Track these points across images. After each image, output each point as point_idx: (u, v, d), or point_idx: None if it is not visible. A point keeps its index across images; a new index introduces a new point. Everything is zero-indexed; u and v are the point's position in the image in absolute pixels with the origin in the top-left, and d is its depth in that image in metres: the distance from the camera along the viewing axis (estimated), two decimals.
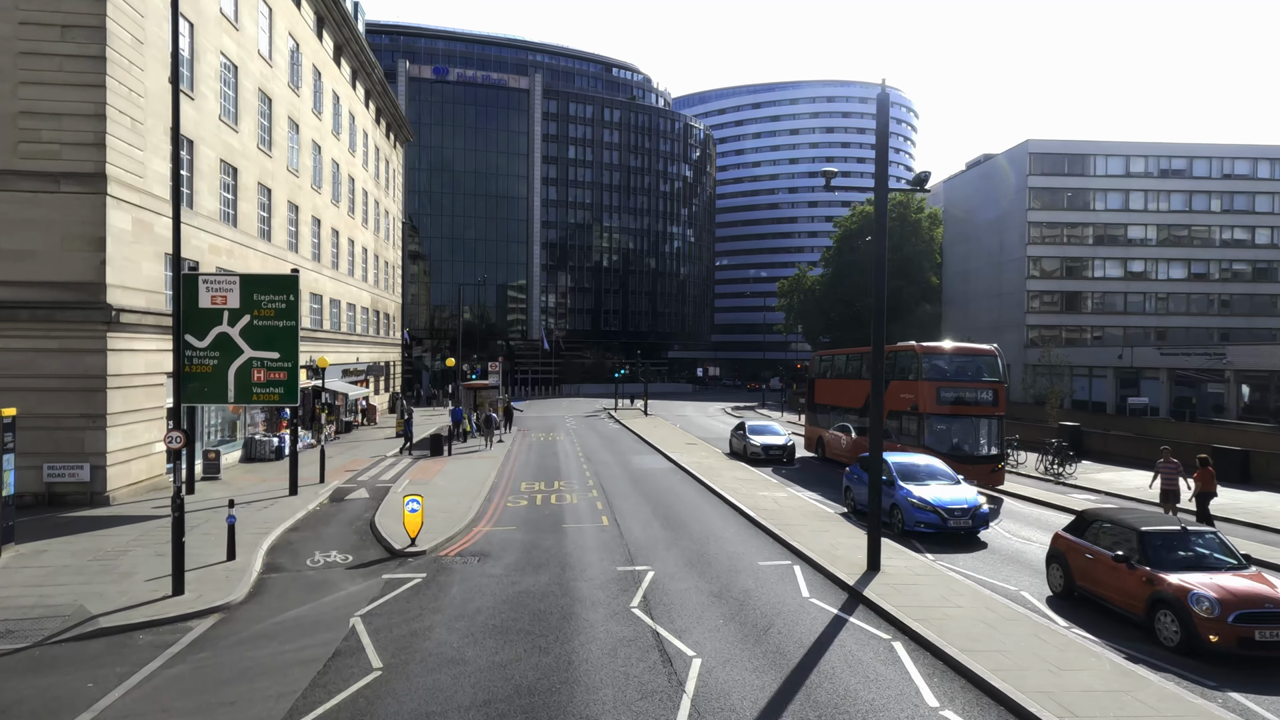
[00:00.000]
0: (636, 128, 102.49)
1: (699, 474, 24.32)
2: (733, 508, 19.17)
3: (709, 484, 22.36)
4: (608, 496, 20.79)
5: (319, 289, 36.13)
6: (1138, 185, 62.43)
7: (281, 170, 30.81)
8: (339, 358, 39.73)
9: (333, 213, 38.51)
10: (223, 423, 25.85)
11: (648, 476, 24.65)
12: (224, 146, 25.23)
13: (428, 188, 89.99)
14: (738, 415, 59.37)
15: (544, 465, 27.47)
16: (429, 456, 29.24)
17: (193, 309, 19.80)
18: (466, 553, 14.55)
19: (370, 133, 47.36)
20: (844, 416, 28.24)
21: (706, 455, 30.02)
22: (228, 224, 25.78)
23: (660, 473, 25.66)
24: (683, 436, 38.25)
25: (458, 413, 35.11)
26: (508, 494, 21.26)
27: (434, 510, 17.99)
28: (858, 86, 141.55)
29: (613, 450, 32.73)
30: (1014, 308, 62.97)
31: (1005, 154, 65.24)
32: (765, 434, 30.12)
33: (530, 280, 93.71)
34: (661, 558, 14.31)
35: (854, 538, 15.44)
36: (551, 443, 35.64)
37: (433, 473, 24.77)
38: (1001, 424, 23.00)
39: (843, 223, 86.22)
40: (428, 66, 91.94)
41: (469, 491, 21.01)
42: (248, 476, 23.36)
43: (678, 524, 17.26)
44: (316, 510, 18.77)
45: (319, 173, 36.24)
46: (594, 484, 23.09)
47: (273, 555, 14.41)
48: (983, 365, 23.40)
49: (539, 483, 23.25)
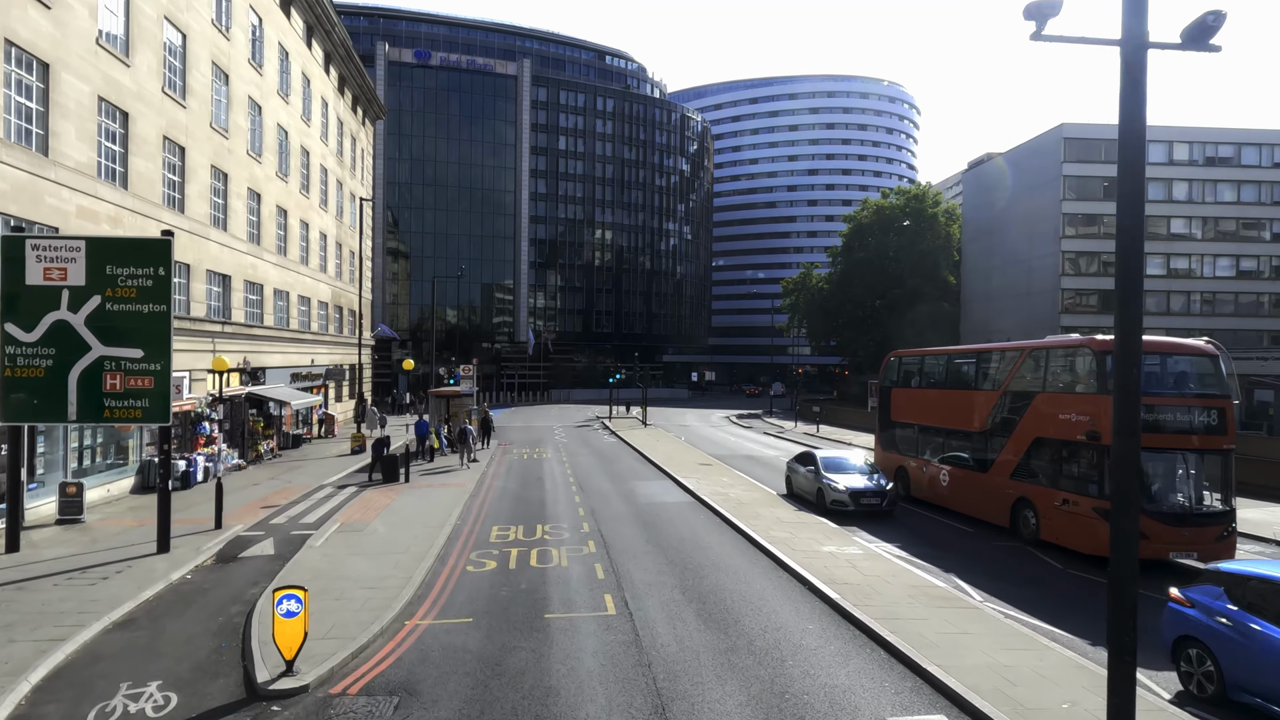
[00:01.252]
0: (631, 118, 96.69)
1: (735, 518, 18.24)
2: (808, 588, 12.79)
3: (755, 537, 16.10)
4: (611, 554, 14.82)
5: (257, 276, 30.05)
6: (1181, 174, 57.15)
7: (201, 126, 24.77)
8: (287, 359, 33.62)
9: (279, 188, 32.45)
10: (103, 442, 19.75)
11: (662, 518, 18.70)
12: (105, 80, 19.20)
13: (408, 180, 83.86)
14: (744, 425, 53.53)
15: (525, 497, 21.49)
16: (381, 484, 23.21)
17: (15, 285, 13.83)
18: (378, 688, 8.55)
19: (331, 103, 41.31)
20: (943, 441, 20.33)
21: (730, 482, 24.06)
22: (112, 183, 19.72)
23: (676, 511, 19.72)
24: (692, 454, 32.32)
25: (423, 425, 29.06)
26: (470, 547, 15.27)
27: (350, 587, 12.01)
28: (859, 81, 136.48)
29: (611, 473, 26.78)
30: (1046, 308, 57.45)
31: (1036, 140, 59.80)
32: (847, 471, 20.18)
33: (518, 279, 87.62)
34: (712, 696, 8.43)
35: (1038, 656, 9.61)
36: (537, 462, 29.66)
37: (376, 509, 18.75)
38: (1230, 462, 14.69)
39: (853, 218, 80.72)
40: (409, 50, 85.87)
41: (416, 545, 15.03)
42: (127, 518, 17.29)
43: (724, 616, 11.21)
44: (181, 584, 12.73)
45: (258, 138, 30.18)
46: (590, 529, 17.14)
47: (48, 693, 8.42)
48: (1198, 370, 15.27)
49: (516, 527, 17.27)
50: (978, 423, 18.73)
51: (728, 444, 39.04)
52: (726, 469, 27.23)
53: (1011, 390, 17.62)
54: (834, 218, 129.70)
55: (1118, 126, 6.30)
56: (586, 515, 18.75)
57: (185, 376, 23.45)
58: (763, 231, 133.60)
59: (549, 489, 22.98)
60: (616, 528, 17.28)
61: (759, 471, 27.71)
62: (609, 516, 18.64)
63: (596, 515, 18.79)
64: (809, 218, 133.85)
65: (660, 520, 18.20)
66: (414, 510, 18.72)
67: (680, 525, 17.60)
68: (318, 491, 21.86)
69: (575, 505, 20.15)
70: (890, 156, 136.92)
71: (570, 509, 19.61)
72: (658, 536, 16.40)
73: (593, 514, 18.96)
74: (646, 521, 18.03)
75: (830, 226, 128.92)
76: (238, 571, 13.47)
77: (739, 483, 23.75)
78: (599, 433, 44.11)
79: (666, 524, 17.76)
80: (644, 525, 17.59)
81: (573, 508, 19.79)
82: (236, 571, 13.48)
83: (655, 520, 18.19)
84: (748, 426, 52.04)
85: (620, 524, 17.73)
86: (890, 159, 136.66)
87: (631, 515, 18.87)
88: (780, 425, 52.23)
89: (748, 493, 21.73)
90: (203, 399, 24.50)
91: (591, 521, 17.97)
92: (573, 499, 21.19)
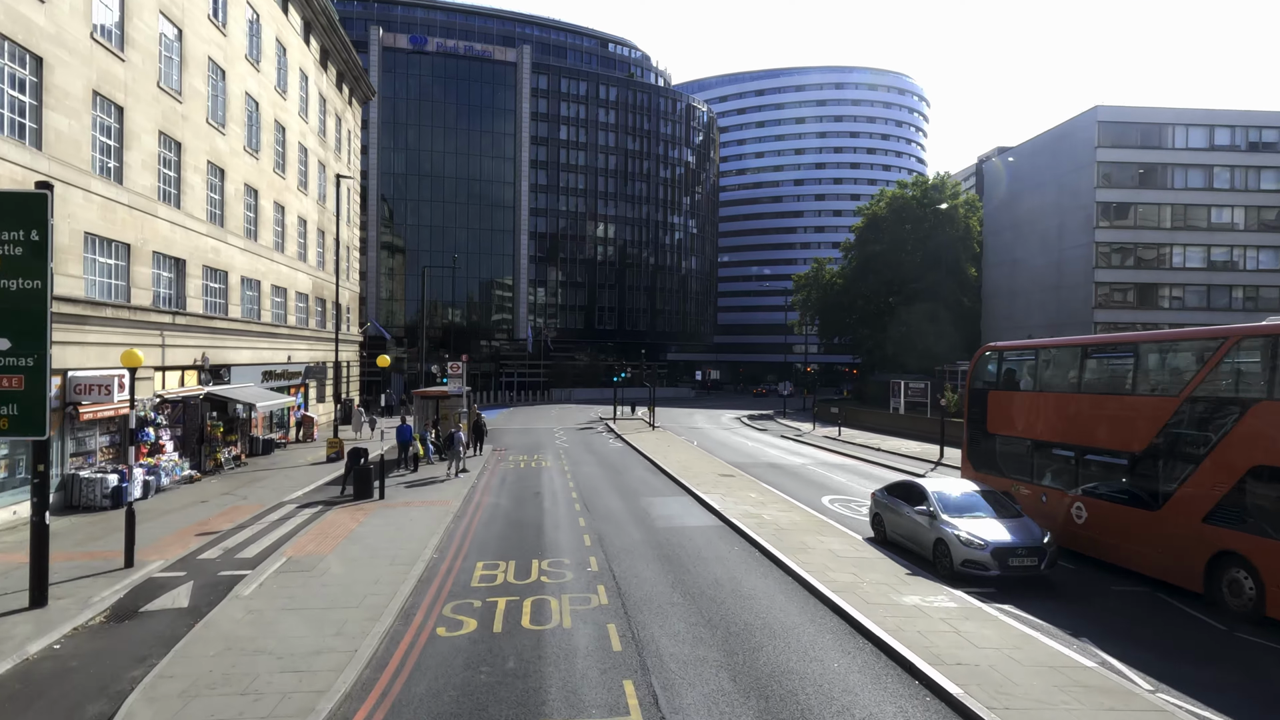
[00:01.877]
0: (635, 107, 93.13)
1: (780, 552, 14.79)
2: (903, 666, 9.22)
3: (816, 585, 12.59)
4: (627, 607, 11.37)
5: (220, 262, 26.62)
6: (1223, 160, 53.59)
7: (145, 85, 21.32)
8: (257, 356, 30.22)
9: (247, 165, 29.01)
10: (8, 454, 16.33)
11: (687, 550, 15.24)
12: (7, 14, 15.78)
13: (403, 171, 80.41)
14: (757, 427, 50.10)
15: (520, 518, 18.05)
16: (351, 500, 19.79)
17: None
18: None
19: (313, 77, 37.85)
20: (1076, 463, 15.01)
21: (760, 499, 20.61)
22: (17, 139, 16.30)
23: (703, 538, 16.27)
24: (709, 462, 28.88)
25: (405, 431, 25.60)
26: (445, 596, 11.85)
27: (267, 671, 8.56)
28: (867, 73, 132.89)
29: (620, 487, 23.34)
30: (1079, 302, 53.93)
31: (1066, 124, 56.24)
32: (979, 514, 13.69)
33: (517, 274, 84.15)
34: None
35: None
36: (534, 472, 26.24)
37: (337, 537, 15.33)
38: None
39: (868, 209, 77.22)
40: (403, 35, 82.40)
41: (375, 593, 11.61)
42: (20, 551, 13.83)
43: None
44: (40, 660, 9.31)
45: (221, 106, 26.74)
46: (599, 566, 13.70)
47: None
48: None
49: (506, 563, 13.84)
50: (1138, 441, 13.51)
51: (745, 449, 35.59)
52: (752, 481, 23.78)
53: (1200, 396, 12.59)
54: (842, 213, 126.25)
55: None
56: (593, 545, 15.31)
57: (123, 375, 20.07)
58: (768, 227, 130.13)
59: (548, 507, 19.56)
60: (632, 564, 13.84)
61: (789, 484, 24.28)
62: (621, 547, 15.19)
63: (605, 545, 15.35)
64: (816, 213, 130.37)
65: (685, 553, 14.74)
66: (383, 538, 15.29)
67: (711, 561, 14.13)
68: (274, 511, 18.43)
69: (579, 530, 16.71)
70: (900, 150, 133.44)
71: (573, 536, 16.17)
72: (685, 578, 12.94)
73: (601, 543, 15.52)
74: (668, 555, 14.57)
75: (838, 222, 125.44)
76: (128, 636, 10.04)
77: (771, 500, 20.29)
78: (603, 436, 40.68)
79: (693, 559, 14.30)
80: (666, 561, 14.14)
81: (576, 534, 16.36)
82: (126, 636, 10.05)
83: (678, 553, 14.74)
84: (762, 429, 48.59)
85: (636, 558, 14.29)
86: (900, 152, 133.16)
87: (648, 545, 15.42)
88: (797, 427, 48.79)
89: (785, 514, 18.26)
90: (145, 401, 21.09)
91: (600, 554, 14.53)
92: (576, 521, 17.75)
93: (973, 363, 18.90)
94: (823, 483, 25.05)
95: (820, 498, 21.75)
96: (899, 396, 51.75)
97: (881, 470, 28.65)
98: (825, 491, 23.02)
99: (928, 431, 43.30)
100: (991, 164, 69.37)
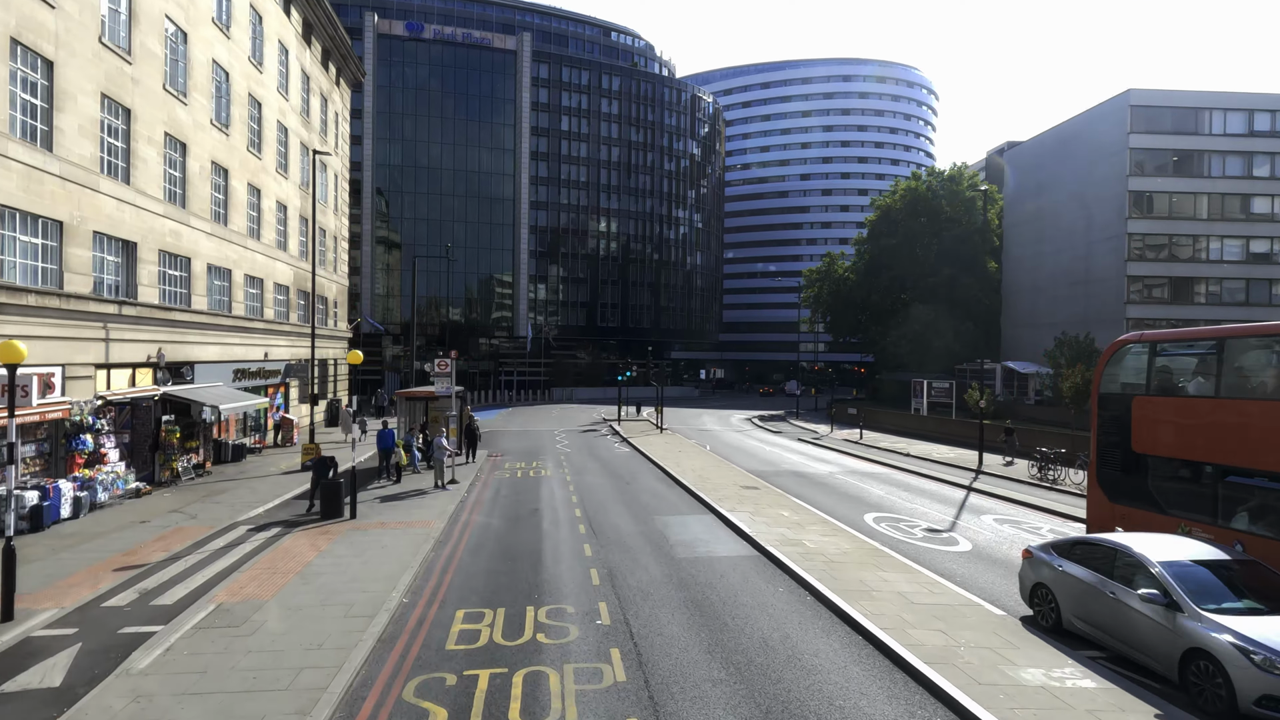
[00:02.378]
0: (638, 98, 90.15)
1: (841, 600, 11.87)
2: None
3: (906, 657, 9.38)
4: (652, 689, 8.43)
5: (181, 247, 23.73)
6: (1262, 146, 50.60)
7: (81, 40, 18.43)
8: (227, 352, 27.35)
9: (215, 140, 26.13)
10: None
11: (719, 592, 12.32)
12: None
13: (399, 162, 77.48)
14: (770, 429, 47.17)
15: (513, 546, 15.13)
16: (317, 520, 16.92)
17: None
18: None
19: (294, 51, 34.94)
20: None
21: (794, 518, 17.68)
22: None
23: (736, 574, 13.35)
24: (727, 470, 25.96)
25: (387, 436, 22.66)
26: (410, 666, 8.95)
27: None
28: (874, 65, 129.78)
29: (630, 501, 20.42)
30: (1109, 297, 50.92)
31: (1095, 110, 53.20)
32: (1245, 600, 8.59)
33: (517, 270, 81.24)
34: None
35: None
36: (533, 483, 23.34)
37: (288, 573, 12.44)
38: None
39: (881, 201, 74.37)
40: (399, 22, 79.48)
41: (317, 664, 8.71)
42: None
43: None
44: None
45: (181, 72, 23.84)
46: (611, 617, 10.78)
47: None
48: None
49: (493, 613, 10.94)
50: None
51: (763, 455, 32.67)
52: (780, 495, 20.86)
53: None
54: (849, 208, 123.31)
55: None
56: (603, 584, 12.40)
57: (51, 373, 17.21)
58: (774, 223, 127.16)
59: (548, 529, 16.65)
60: (653, 614, 10.92)
61: (822, 499, 21.36)
62: (637, 587, 12.27)
63: (618, 584, 12.44)
64: (823, 208, 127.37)
65: (717, 596, 11.83)
66: (344, 575, 12.41)
67: (753, 610, 11.20)
68: (223, 535, 15.54)
69: (585, 563, 13.80)
70: (908, 144, 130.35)
71: (578, 571, 13.26)
72: (724, 637, 10.03)
73: (612, 580, 12.62)
74: (696, 600, 11.65)
75: (844, 217, 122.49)
76: None
77: (808, 520, 17.36)
78: (607, 439, 37.79)
79: (729, 606, 11.38)
80: (694, 609, 11.22)
81: (582, 568, 13.44)
82: None
83: (709, 596, 11.82)
84: (776, 431, 45.66)
85: (657, 605, 11.36)
86: (908, 146, 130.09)
87: (671, 584, 12.50)
88: (813, 430, 45.87)
89: (829, 539, 15.35)
90: (83, 403, 18.21)
91: (612, 598, 11.62)
92: (581, 549, 14.85)
93: (1103, 359, 14.30)
94: (860, 497, 22.12)
95: (862, 516, 18.84)
96: (921, 397, 48.90)
97: (921, 481, 25.73)
98: (866, 508, 20.09)
99: (954, 434, 40.46)
100: (1010, 153, 66.39)
